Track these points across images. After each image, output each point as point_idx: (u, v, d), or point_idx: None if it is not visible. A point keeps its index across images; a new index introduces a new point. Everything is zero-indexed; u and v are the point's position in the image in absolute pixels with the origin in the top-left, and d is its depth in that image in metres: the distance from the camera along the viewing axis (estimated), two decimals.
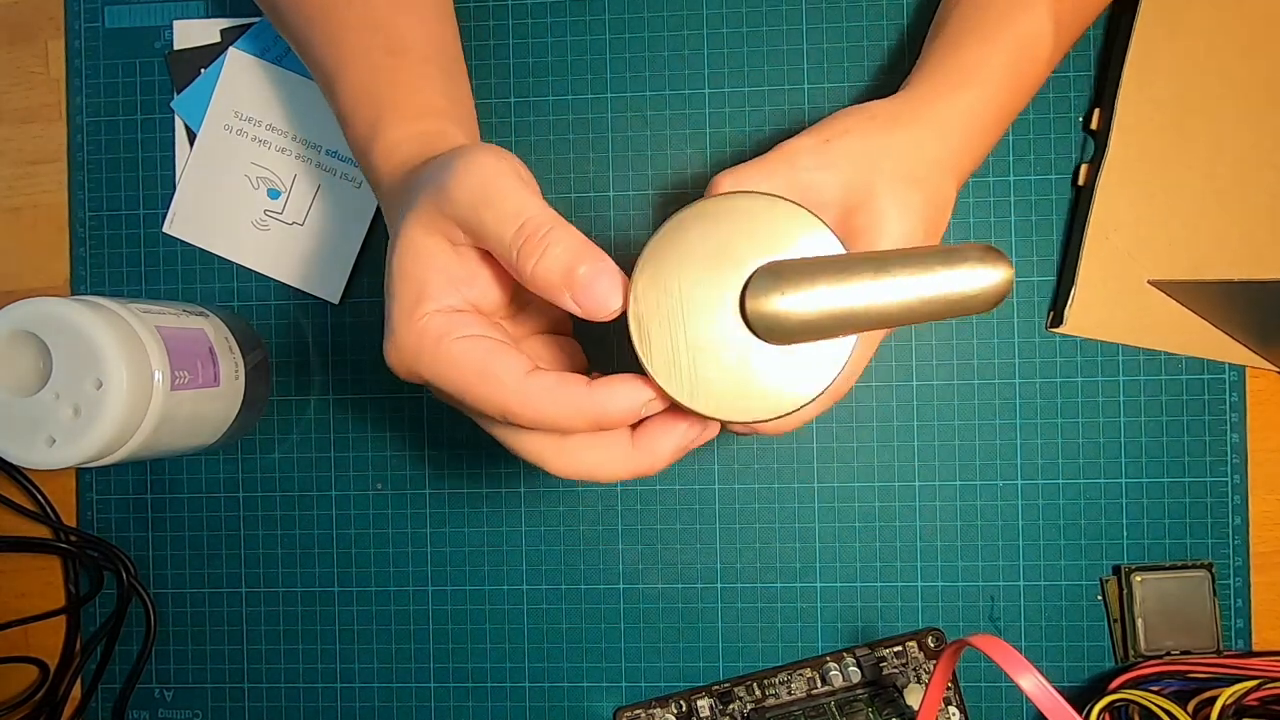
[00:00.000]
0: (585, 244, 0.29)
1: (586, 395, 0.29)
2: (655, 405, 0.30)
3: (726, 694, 0.46)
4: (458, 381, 0.30)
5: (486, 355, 0.30)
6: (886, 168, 0.34)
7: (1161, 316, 0.45)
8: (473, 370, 0.30)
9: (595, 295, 0.29)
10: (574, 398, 0.29)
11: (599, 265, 0.29)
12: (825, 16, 0.47)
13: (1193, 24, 0.43)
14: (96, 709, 0.49)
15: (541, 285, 0.29)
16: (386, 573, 0.48)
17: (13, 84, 0.50)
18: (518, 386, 0.29)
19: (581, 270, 0.29)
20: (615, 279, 0.29)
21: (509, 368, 0.30)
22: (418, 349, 0.31)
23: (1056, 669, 0.46)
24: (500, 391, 0.30)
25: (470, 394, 0.30)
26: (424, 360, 0.31)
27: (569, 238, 0.29)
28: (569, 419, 0.30)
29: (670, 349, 0.29)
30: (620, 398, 0.30)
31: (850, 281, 0.28)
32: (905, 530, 0.47)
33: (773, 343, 0.29)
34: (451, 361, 0.30)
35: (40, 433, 0.38)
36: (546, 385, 0.30)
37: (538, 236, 0.29)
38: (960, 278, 0.27)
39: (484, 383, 0.30)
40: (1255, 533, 0.45)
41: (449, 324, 0.31)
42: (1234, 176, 0.44)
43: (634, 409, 0.30)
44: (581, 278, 0.29)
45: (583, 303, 0.29)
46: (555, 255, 0.29)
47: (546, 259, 0.29)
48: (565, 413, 0.29)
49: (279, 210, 0.48)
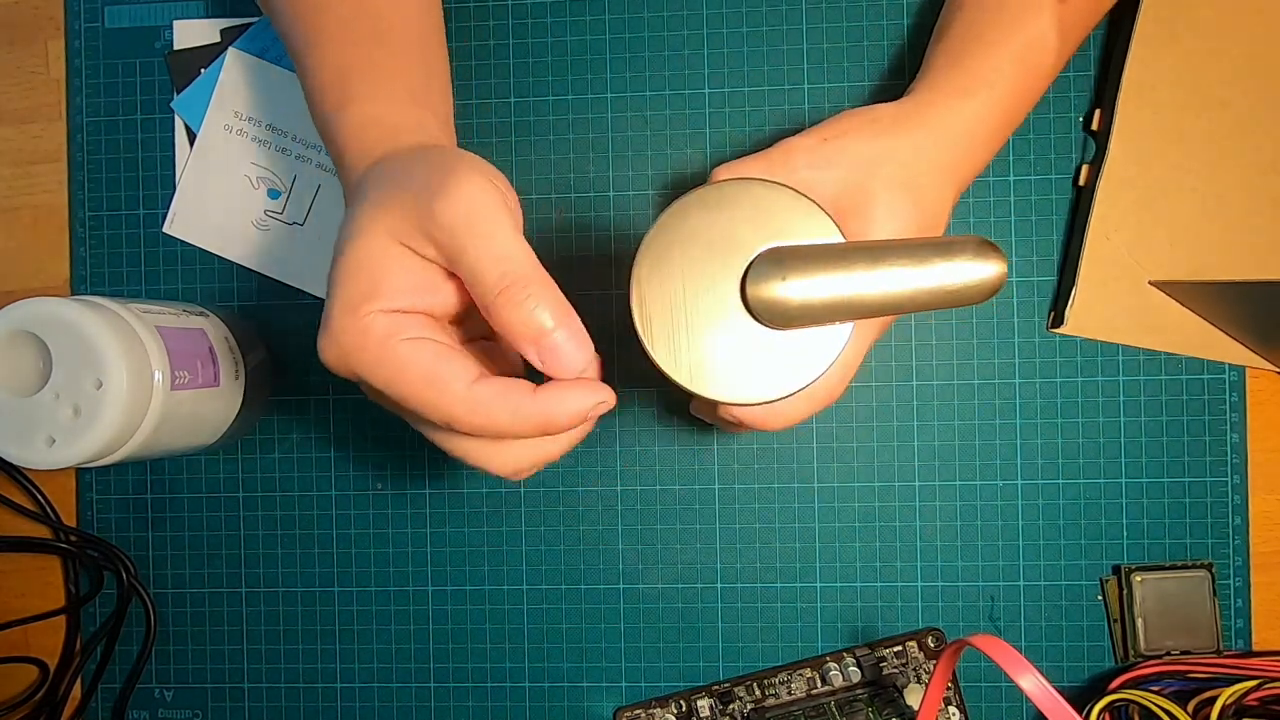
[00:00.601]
0: (562, 304, 0.29)
1: (534, 403, 0.29)
2: (604, 407, 0.30)
3: (726, 694, 0.46)
4: (401, 386, 0.29)
5: (434, 361, 0.29)
6: (884, 172, 0.34)
7: (1162, 317, 0.45)
8: (419, 375, 0.29)
9: (563, 360, 0.29)
10: (522, 405, 0.29)
11: (572, 331, 0.29)
12: (825, 16, 0.47)
13: (1193, 26, 0.43)
14: (96, 709, 0.49)
15: (512, 335, 0.29)
16: (386, 573, 0.48)
17: (13, 84, 0.50)
18: (465, 394, 0.29)
19: (557, 334, 0.29)
20: (585, 347, 0.29)
21: (457, 374, 0.29)
22: (358, 346, 0.29)
23: (1056, 669, 0.46)
24: (446, 398, 0.29)
25: (415, 399, 0.29)
26: (365, 359, 0.29)
27: (550, 296, 0.29)
28: (516, 426, 0.29)
29: (671, 332, 0.30)
30: (571, 403, 0.29)
31: (849, 270, 0.29)
32: (905, 530, 0.47)
33: (773, 327, 0.30)
34: (397, 364, 0.29)
35: (40, 433, 0.38)
36: (495, 392, 0.29)
37: (519, 287, 0.28)
38: (955, 270, 0.28)
39: (430, 388, 0.29)
40: (1255, 533, 0.45)
41: (395, 325, 0.30)
42: (1234, 178, 0.44)
43: (584, 413, 0.30)
44: (554, 341, 0.29)
45: (548, 363, 0.29)
46: (532, 310, 0.28)
47: (522, 312, 0.28)
48: (513, 421, 0.29)
49: (279, 210, 0.48)
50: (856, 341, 0.34)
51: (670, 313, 0.30)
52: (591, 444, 0.48)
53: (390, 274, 0.30)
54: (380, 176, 0.32)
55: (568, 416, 0.30)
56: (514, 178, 0.48)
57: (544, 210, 0.48)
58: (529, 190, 0.48)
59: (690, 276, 0.30)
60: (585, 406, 0.30)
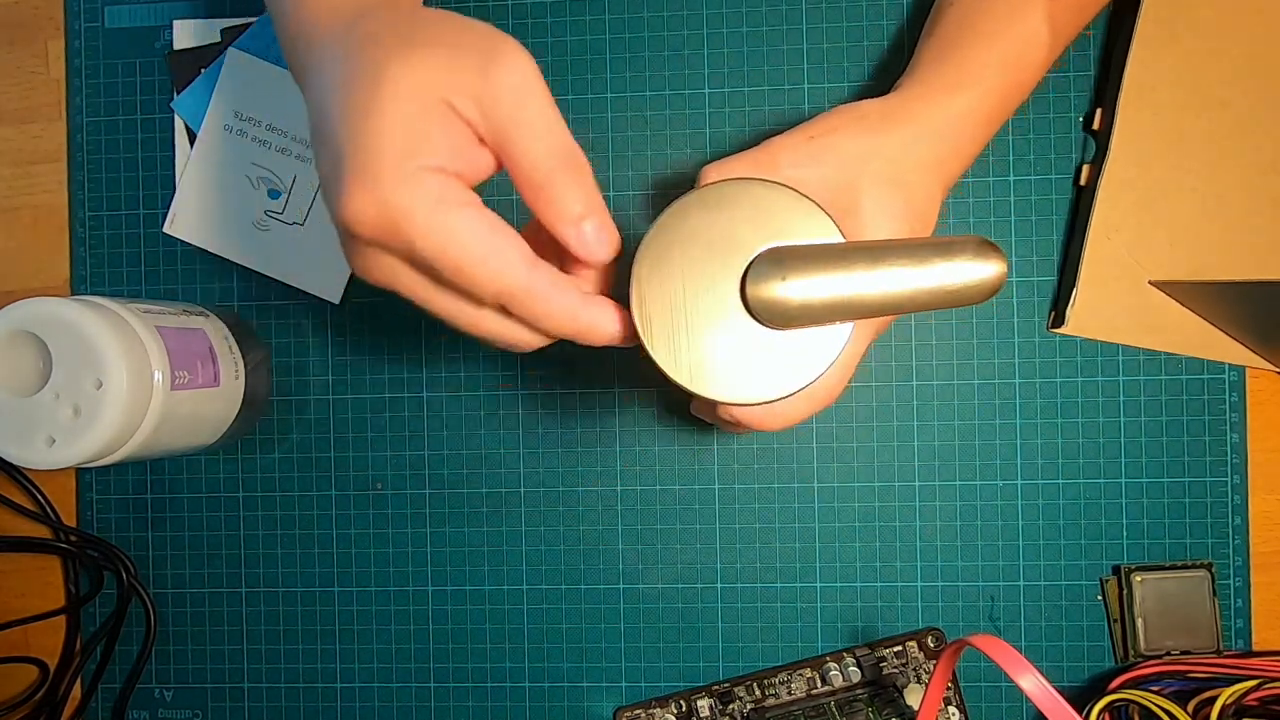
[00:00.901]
0: (598, 193, 0.29)
1: (582, 308, 0.29)
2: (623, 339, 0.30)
3: (726, 694, 0.46)
4: (455, 255, 0.27)
5: (493, 233, 0.27)
6: (872, 170, 0.34)
7: (1162, 317, 0.45)
8: (478, 246, 0.27)
9: (599, 248, 0.29)
10: (571, 304, 0.29)
11: (605, 220, 0.29)
12: (825, 16, 0.47)
13: (1194, 26, 0.43)
14: (96, 709, 0.49)
15: (554, 215, 0.28)
16: (386, 573, 0.48)
17: (13, 84, 0.50)
18: (527, 276, 0.28)
19: (593, 222, 0.28)
20: (615, 239, 0.29)
21: (518, 252, 0.28)
22: (407, 205, 0.27)
23: (1056, 669, 0.46)
24: (508, 276, 0.28)
25: (471, 272, 0.27)
26: (415, 221, 0.27)
27: (591, 182, 0.29)
28: (561, 322, 0.29)
29: (671, 331, 0.30)
30: (608, 324, 0.30)
31: (850, 270, 0.29)
32: (905, 530, 0.47)
33: (772, 327, 0.30)
34: (451, 231, 0.27)
35: (40, 433, 0.38)
36: (552, 281, 0.28)
37: (568, 168, 0.28)
38: (955, 270, 0.28)
39: (489, 263, 0.27)
40: (1255, 533, 0.45)
41: (446, 187, 0.27)
42: (1235, 178, 0.44)
43: (614, 337, 0.30)
44: (593, 227, 0.29)
45: (584, 249, 0.29)
46: (575, 198, 0.28)
47: (570, 194, 0.28)
48: (561, 316, 0.29)
49: (279, 210, 0.48)
50: (854, 343, 0.34)
51: (670, 313, 0.30)
52: (591, 444, 0.48)
53: (435, 130, 0.27)
54: (404, 29, 0.29)
55: (605, 335, 0.30)
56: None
57: None
58: None
59: (690, 276, 0.30)
60: (617, 331, 0.30)
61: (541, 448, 0.48)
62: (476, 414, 0.48)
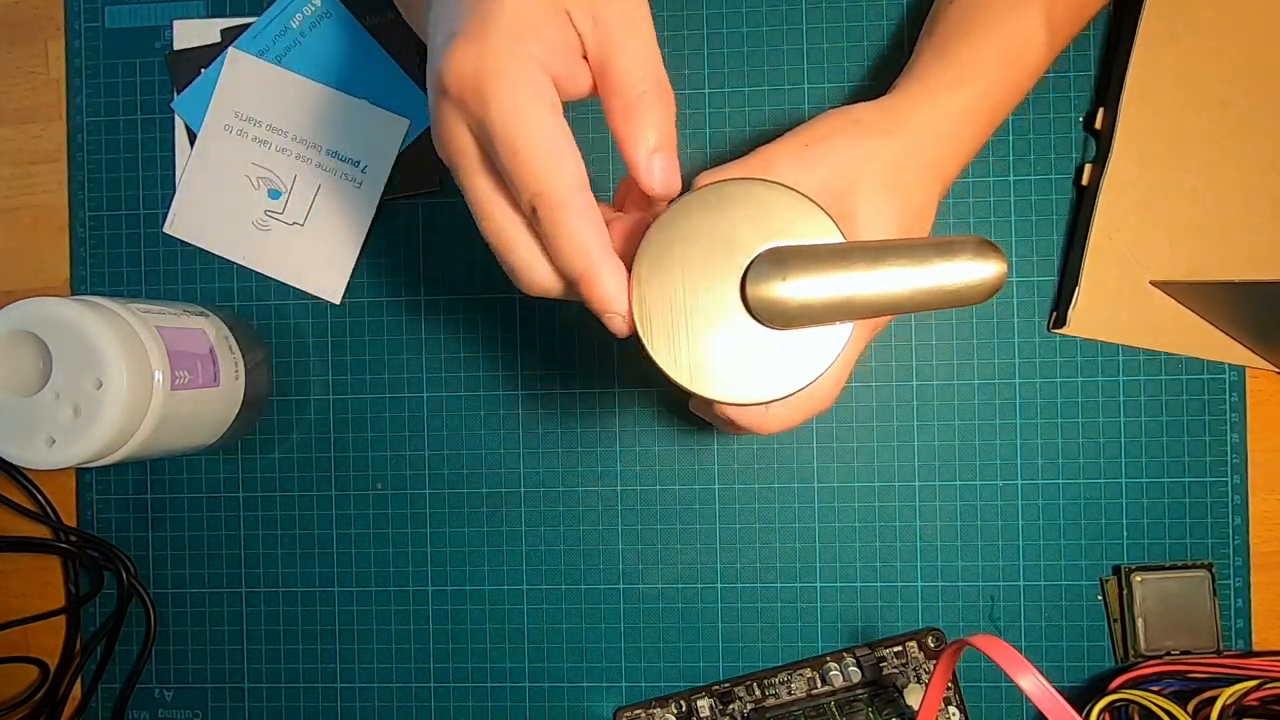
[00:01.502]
0: (674, 133, 0.30)
1: (601, 255, 0.29)
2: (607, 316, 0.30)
3: (726, 694, 0.46)
4: (519, 137, 0.28)
5: (561, 138, 0.28)
6: (868, 174, 0.34)
7: (1162, 317, 0.45)
8: (542, 139, 0.28)
9: (669, 179, 0.30)
10: (593, 243, 0.29)
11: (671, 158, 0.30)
12: (825, 16, 0.47)
13: (1196, 26, 0.43)
14: (96, 709, 0.49)
15: (635, 137, 0.29)
16: (386, 573, 0.48)
17: (13, 84, 0.50)
18: (570, 188, 0.28)
19: (665, 154, 0.30)
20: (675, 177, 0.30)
21: (576, 169, 0.28)
22: (500, 73, 0.27)
23: (1056, 669, 0.46)
24: (554, 179, 0.28)
25: (524, 157, 0.28)
26: (501, 91, 0.27)
27: (670, 120, 0.30)
28: (574, 254, 0.29)
29: (671, 331, 0.30)
30: (613, 286, 0.29)
31: (849, 270, 0.29)
32: (905, 530, 0.47)
33: (772, 327, 0.30)
34: (525, 115, 0.28)
35: (40, 433, 0.38)
36: (590, 212, 0.29)
37: (659, 94, 0.30)
38: (955, 270, 0.28)
39: (545, 158, 0.28)
40: (1255, 533, 0.45)
41: (541, 81, 0.28)
42: (1236, 178, 0.44)
43: (611, 304, 0.30)
44: (668, 157, 0.30)
45: (654, 176, 0.30)
46: (656, 127, 0.29)
47: (655, 118, 0.29)
48: (579, 248, 0.29)
49: (279, 210, 0.48)
50: (851, 344, 0.34)
51: (670, 313, 0.30)
52: (591, 444, 0.48)
53: (549, 27, 0.29)
54: None
55: (604, 295, 0.29)
56: None
57: None
58: None
59: (690, 276, 0.30)
60: (616, 299, 0.30)
61: (541, 448, 0.48)
62: (476, 414, 0.48)
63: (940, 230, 0.46)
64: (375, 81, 0.48)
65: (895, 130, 0.34)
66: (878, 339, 0.46)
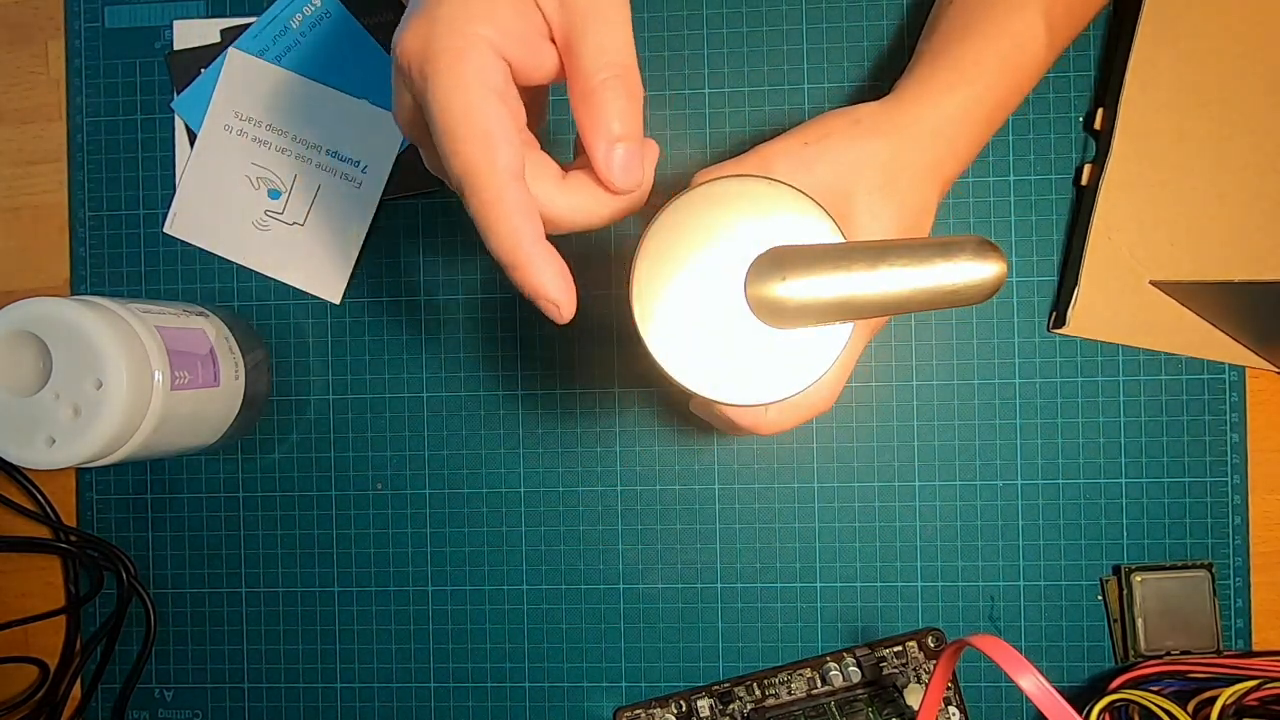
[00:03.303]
0: (639, 125, 0.29)
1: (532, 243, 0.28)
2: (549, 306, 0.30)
3: (726, 694, 0.46)
4: (453, 123, 0.27)
5: (500, 126, 0.27)
6: (865, 176, 0.34)
7: (1162, 317, 0.45)
8: (479, 125, 0.27)
9: (626, 173, 0.29)
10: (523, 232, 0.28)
11: (641, 150, 0.29)
12: (825, 16, 0.47)
13: (1196, 26, 0.43)
14: (96, 709, 0.49)
15: (594, 125, 0.29)
16: (386, 573, 0.48)
17: (13, 84, 0.50)
18: (501, 178, 0.27)
19: (627, 146, 0.29)
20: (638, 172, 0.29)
21: (510, 159, 0.28)
22: (451, 52, 0.27)
23: (1056, 669, 0.46)
24: (481, 166, 0.27)
25: (455, 144, 0.27)
26: (443, 70, 0.27)
27: (638, 107, 0.29)
28: (502, 241, 0.28)
29: (670, 330, 0.30)
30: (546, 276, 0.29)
31: (849, 270, 0.28)
32: (905, 530, 0.47)
33: (773, 326, 0.30)
34: (464, 100, 0.27)
35: (40, 433, 0.38)
36: (521, 203, 0.28)
37: (623, 81, 0.29)
38: (955, 270, 0.28)
39: (478, 146, 0.27)
40: (1255, 533, 0.45)
41: (486, 61, 0.28)
42: (1236, 178, 0.44)
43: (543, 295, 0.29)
44: (627, 150, 0.29)
45: (611, 169, 0.29)
46: (619, 117, 0.28)
47: (615, 107, 0.28)
48: (506, 236, 0.28)
49: (279, 210, 0.48)
50: (849, 345, 0.34)
51: (670, 312, 0.30)
52: (591, 444, 0.48)
53: (508, 8, 0.28)
54: None
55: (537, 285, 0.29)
56: None
57: None
58: None
59: (690, 276, 0.30)
60: (547, 291, 0.29)
61: (541, 448, 0.48)
62: (476, 414, 0.48)
63: (940, 230, 0.46)
64: (375, 81, 0.48)
65: (894, 131, 0.34)
66: (878, 339, 0.46)
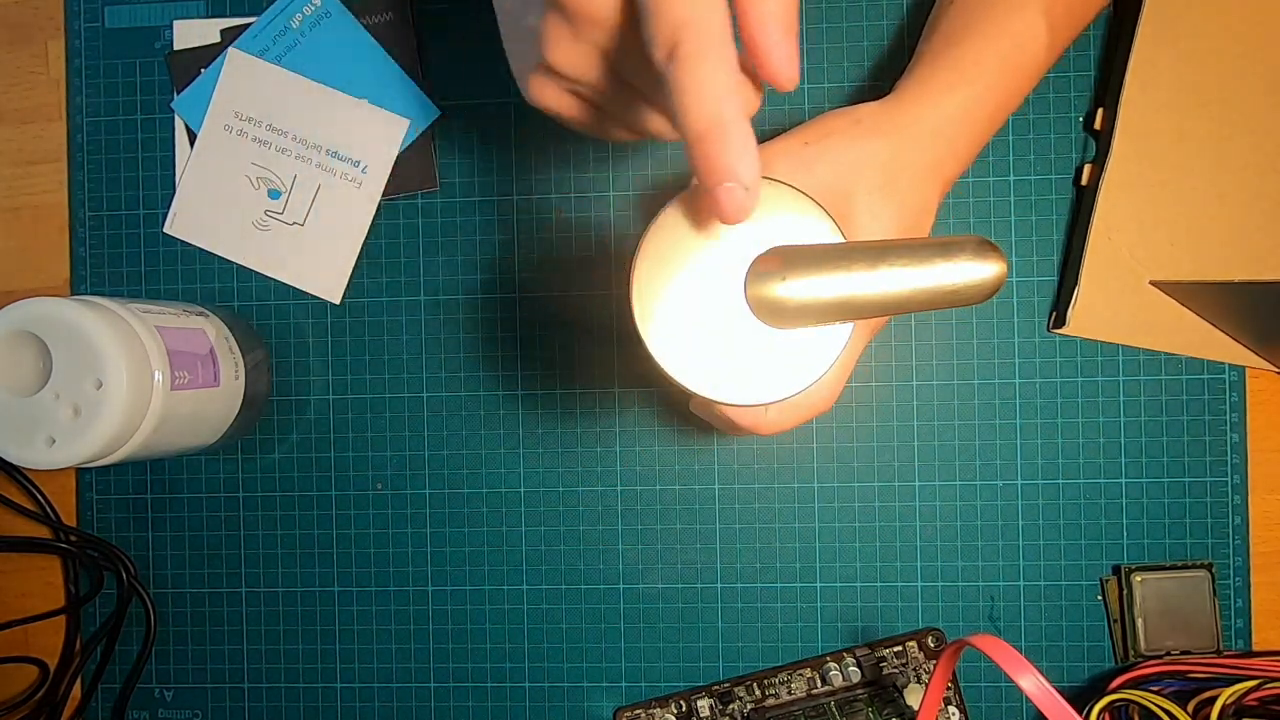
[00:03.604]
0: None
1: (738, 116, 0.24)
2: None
3: (726, 694, 0.46)
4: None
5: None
6: (865, 176, 0.34)
7: (1162, 317, 0.45)
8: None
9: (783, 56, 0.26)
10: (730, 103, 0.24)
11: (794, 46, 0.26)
12: (825, 16, 0.47)
13: (1196, 26, 0.43)
14: (96, 709, 0.49)
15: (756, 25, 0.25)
16: (386, 573, 0.48)
17: (13, 84, 0.50)
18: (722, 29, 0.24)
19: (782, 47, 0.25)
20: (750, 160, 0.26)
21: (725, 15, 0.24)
22: None
23: (1056, 669, 0.46)
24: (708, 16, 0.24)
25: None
26: None
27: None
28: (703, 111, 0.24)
29: (671, 332, 0.30)
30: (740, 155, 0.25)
31: (849, 270, 0.28)
32: (905, 530, 0.47)
33: (773, 326, 0.30)
34: None
35: (40, 433, 0.38)
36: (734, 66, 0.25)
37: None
38: (955, 270, 0.28)
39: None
40: (1255, 533, 0.45)
41: None
42: (1236, 178, 0.44)
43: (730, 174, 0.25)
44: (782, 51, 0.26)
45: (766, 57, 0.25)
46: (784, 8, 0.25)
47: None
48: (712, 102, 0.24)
49: (279, 210, 0.48)
50: (849, 346, 0.34)
51: (670, 312, 0.30)
52: (591, 444, 0.48)
53: None
54: None
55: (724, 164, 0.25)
56: (513, 178, 0.48)
57: (544, 210, 0.48)
58: (529, 190, 0.48)
59: (690, 276, 0.30)
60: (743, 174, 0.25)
61: (541, 448, 0.48)
62: (476, 414, 0.48)
63: (940, 230, 0.46)
64: (375, 81, 0.48)
65: (894, 131, 0.34)
66: (878, 339, 0.46)
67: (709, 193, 0.25)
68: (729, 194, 0.25)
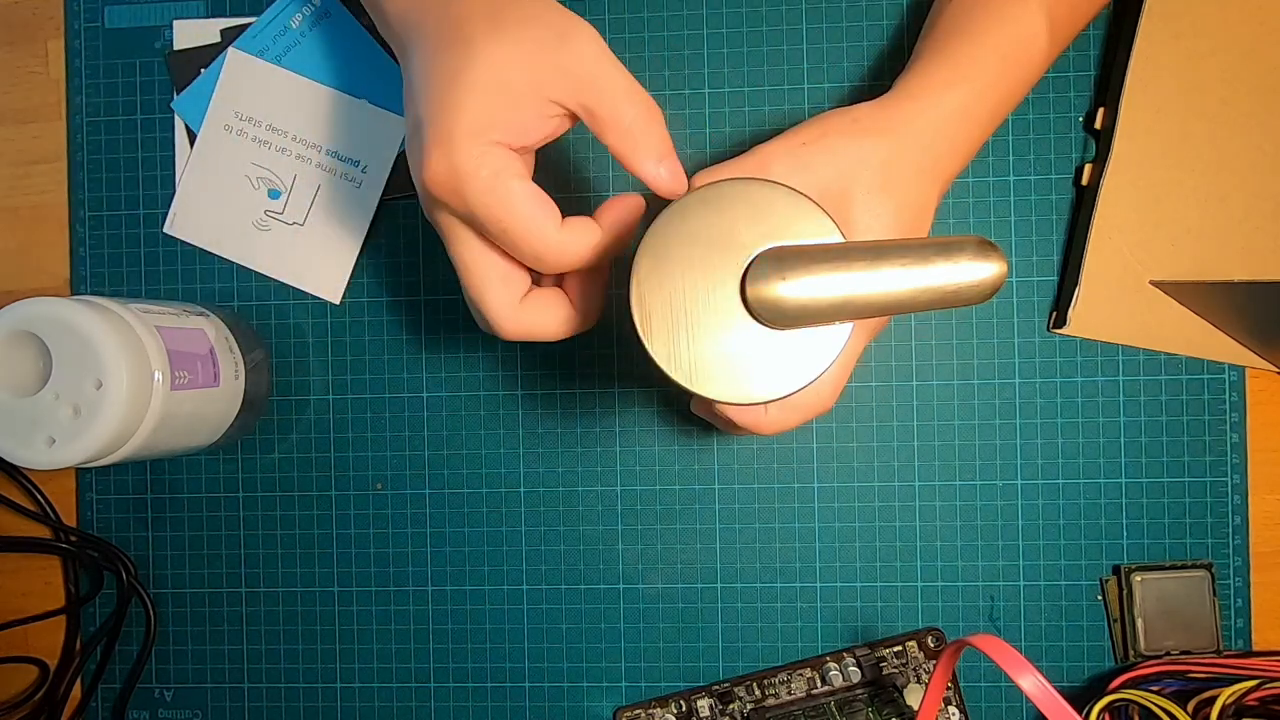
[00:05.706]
0: (670, 142, 0.33)
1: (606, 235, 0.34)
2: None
3: (726, 694, 0.46)
4: (505, 220, 0.32)
5: (535, 203, 0.32)
6: (863, 176, 0.33)
7: (1162, 317, 0.45)
8: (523, 214, 0.32)
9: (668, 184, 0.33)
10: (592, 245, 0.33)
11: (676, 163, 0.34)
12: (825, 16, 0.47)
13: (1197, 26, 0.43)
14: (96, 709, 0.49)
15: (643, 153, 0.33)
16: (386, 573, 0.48)
17: (13, 84, 0.50)
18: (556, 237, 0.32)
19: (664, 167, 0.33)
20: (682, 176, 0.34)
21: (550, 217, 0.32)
22: (473, 174, 0.31)
23: (1056, 669, 0.46)
24: (541, 242, 0.32)
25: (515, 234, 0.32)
26: (477, 188, 0.31)
27: (664, 132, 0.33)
28: (580, 256, 0.33)
29: (671, 332, 0.30)
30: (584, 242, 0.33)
31: (850, 270, 0.29)
32: (905, 530, 0.47)
33: (773, 327, 0.30)
34: (506, 201, 0.31)
35: (40, 433, 0.38)
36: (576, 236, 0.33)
37: (654, 113, 0.33)
38: (955, 270, 0.28)
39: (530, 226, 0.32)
40: (1255, 533, 0.45)
41: (507, 160, 0.32)
42: (1236, 178, 0.44)
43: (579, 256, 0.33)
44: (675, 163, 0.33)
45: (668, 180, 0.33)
46: (656, 144, 0.33)
47: (650, 144, 0.33)
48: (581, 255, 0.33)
49: (279, 210, 0.48)
50: (849, 345, 0.34)
51: (670, 312, 0.30)
52: (591, 444, 0.48)
53: (511, 108, 0.32)
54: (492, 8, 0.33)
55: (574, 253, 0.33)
56: None
57: None
58: None
59: (690, 276, 0.30)
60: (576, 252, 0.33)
61: (541, 448, 0.48)
62: (476, 414, 0.48)
63: (940, 230, 0.46)
64: (375, 81, 0.48)
65: (893, 130, 0.34)
66: (878, 339, 0.46)
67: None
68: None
